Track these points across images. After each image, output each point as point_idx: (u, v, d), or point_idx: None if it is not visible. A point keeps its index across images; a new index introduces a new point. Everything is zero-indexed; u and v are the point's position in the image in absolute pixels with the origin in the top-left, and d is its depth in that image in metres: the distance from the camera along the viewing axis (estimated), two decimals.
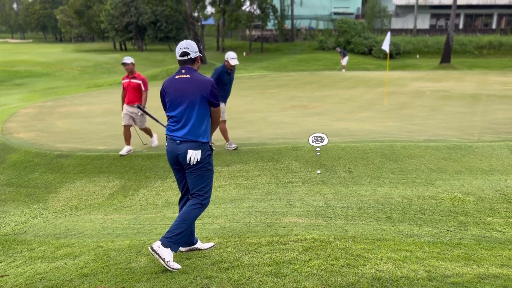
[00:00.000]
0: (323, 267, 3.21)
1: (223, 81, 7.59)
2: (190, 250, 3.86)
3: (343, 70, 28.31)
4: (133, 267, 3.59)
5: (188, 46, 3.60)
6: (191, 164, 3.53)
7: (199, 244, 3.89)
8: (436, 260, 3.30)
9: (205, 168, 3.60)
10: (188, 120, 3.55)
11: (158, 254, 3.37)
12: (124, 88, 8.23)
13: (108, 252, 4.10)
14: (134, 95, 8.12)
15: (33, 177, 7.68)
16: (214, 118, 3.70)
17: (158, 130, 9.09)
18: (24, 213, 6.33)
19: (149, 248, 3.46)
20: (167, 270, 3.42)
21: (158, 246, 3.38)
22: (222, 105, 7.73)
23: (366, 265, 3.21)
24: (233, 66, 7.55)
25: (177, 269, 3.41)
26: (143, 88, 8.15)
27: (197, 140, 3.54)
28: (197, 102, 3.54)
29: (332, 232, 4.10)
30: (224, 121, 7.93)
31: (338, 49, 30.09)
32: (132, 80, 8.10)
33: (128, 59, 8.03)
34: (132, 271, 3.51)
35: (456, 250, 3.53)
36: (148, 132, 8.62)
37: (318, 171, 6.60)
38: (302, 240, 3.82)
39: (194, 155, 3.53)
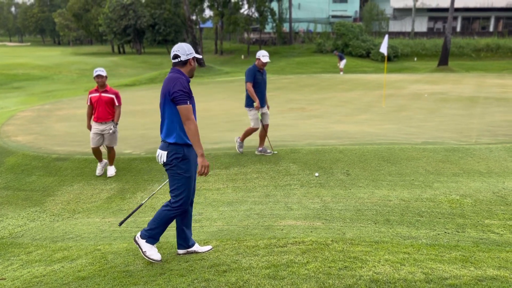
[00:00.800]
0: (320, 269, 3.21)
1: (257, 81, 7.34)
2: (188, 253, 3.86)
3: (341, 73, 28.38)
4: (130, 270, 3.58)
5: (179, 49, 3.59)
6: (160, 163, 3.66)
7: (197, 247, 3.89)
8: (434, 262, 3.30)
9: (173, 171, 3.59)
10: (163, 120, 3.66)
11: (138, 244, 3.68)
12: (91, 103, 7.47)
13: (105, 255, 4.09)
14: (105, 111, 7.37)
15: (31, 180, 7.67)
16: (181, 118, 3.49)
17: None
18: (21, 216, 6.31)
19: (133, 239, 3.75)
20: (148, 262, 3.69)
21: (137, 237, 3.71)
22: (253, 111, 7.43)
23: (363, 268, 3.21)
24: (265, 64, 7.33)
25: (156, 260, 3.64)
26: (116, 103, 7.44)
27: (165, 140, 3.61)
28: (164, 101, 3.57)
29: (330, 234, 4.10)
30: (265, 126, 7.61)
31: (336, 52, 30.13)
32: (104, 94, 7.38)
33: (103, 71, 7.37)
34: (130, 274, 3.50)
35: (454, 252, 3.53)
36: (112, 157, 7.63)
37: (316, 174, 6.60)
38: (300, 243, 3.81)
39: (160, 155, 3.62)
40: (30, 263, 4.32)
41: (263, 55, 7.27)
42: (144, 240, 3.66)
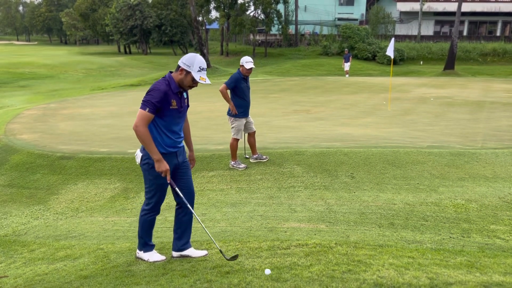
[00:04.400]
0: (324, 272, 3.18)
1: (241, 89, 6.99)
2: (182, 256, 3.79)
3: (347, 75, 28.29)
4: (133, 270, 3.57)
5: (186, 55, 3.52)
6: (137, 163, 3.71)
7: (190, 251, 3.82)
8: (439, 267, 3.27)
9: (145, 175, 3.66)
10: None
11: (140, 258, 3.80)
12: None
13: (108, 254, 4.08)
14: None
15: (35, 178, 7.69)
16: None
17: None
18: (25, 214, 6.32)
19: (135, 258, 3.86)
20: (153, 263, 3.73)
21: (137, 252, 3.85)
22: (241, 120, 7.11)
23: (367, 271, 3.18)
24: (249, 71, 6.93)
25: (160, 260, 3.74)
26: None
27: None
28: None
29: (334, 237, 4.07)
30: (252, 133, 7.39)
31: (346, 50, 29.95)
32: None
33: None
34: (132, 274, 3.49)
35: (459, 258, 3.49)
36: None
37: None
38: (303, 245, 3.79)
39: (137, 155, 3.69)
40: (32, 261, 4.33)
41: (246, 62, 6.85)
42: (142, 251, 3.79)
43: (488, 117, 12.57)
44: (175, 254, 3.82)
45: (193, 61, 3.44)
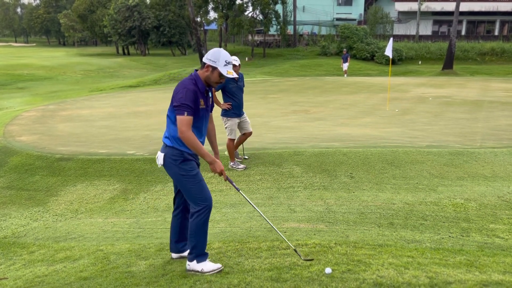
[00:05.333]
0: (324, 272, 3.18)
1: (230, 91, 7.05)
2: (182, 257, 3.75)
3: (345, 75, 28.30)
4: (132, 271, 3.57)
5: (211, 51, 3.40)
6: (159, 165, 3.53)
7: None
8: (438, 266, 3.27)
9: (175, 172, 3.44)
10: (167, 120, 3.54)
11: (193, 271, 3.45)
12: None
13: (108, 255, 4.08)
14: None
15: (34, 180, 7.68)
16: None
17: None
18: (24, 216, 6.31)
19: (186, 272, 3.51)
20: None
21: (188, 264, 3.49)
22: (234, 120, 7.13)
23: (367, 271, 3.18)
24: (235, 70, 6.88)
25: (217, 269, 3.40)
26: None
27: (164, 142, 3.50)
28: (170, 104, 3.45)
29: (333, 237, 4.08)
30: (247, 134, 7.34)
31: (345, 50, 29.95)
32: None
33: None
34: (132, 275, 3.49)
35: (458, 257, 3.50)
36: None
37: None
38: (303, 245, 3.79)
39: (158, 157, 3.51)
40: (32, 262, 4.32)
41: (234, 60, 6.81)
42: (195, 261, 3.45)
43: (486, 116, 12.58)
44: (174, 255, 3.79)
45: (218, 55, 3.35)
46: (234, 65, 6.86)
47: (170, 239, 3.78)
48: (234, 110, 7.15)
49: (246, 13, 44.45)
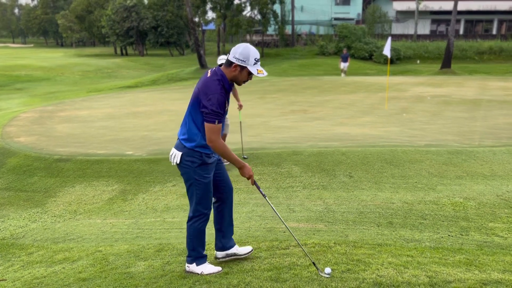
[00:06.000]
0: (323, 272, 3.18)
1: None
2: (227, 256, 3.60)
3: (342, 74, 28.24)
4: (131, 272, 3.56)
5: (236, 47, 3.17)
6: (173, 164, 3.35)
7: (236, 249, 3.62)
8: (438, 265, 3.27)
9: (189, 175, 3.28)
10: (185, 118, 3.35)
11: (191, 272, 3.41)
12: None
13: (106, 256, 4.07)
14: None
15: (32, 181, 7.66)
16: (206, 134, 3.17)
17: None
18: (23, 217, 6.30)
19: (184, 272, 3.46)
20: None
21: (187, 266, 3.45)
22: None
23: (367, 270, 3.17)
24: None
25: (216, 271, 3.37)
26: None
27: (181, 141, 3.28)
28: (192, 102, 3.24)
29: (333, 237, 4.07)
30: (222, 136, 7.37)
31: (345, 50, 29.84)
32: None
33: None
34: (131, 275, 3.48)
35: (458, 256, 3.50)
36: None
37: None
38: (302, 245, 3.78)
39: (174, 155, 3.30)
40: (31, 264, 4.31)
41: (219, 59, 6.73)
42: (194, 264, 3.40)
43: (485, 115, 12.60)
44: (220, 254, 3.61)
45: (247, 54, 3.11)
46: (219, 65, 6.76)
47: (215, 237, 3.63)
48: None
49: (244, 13, 44.45)
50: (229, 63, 3.16)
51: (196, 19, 44.06)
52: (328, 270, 3.15)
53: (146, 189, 6.93)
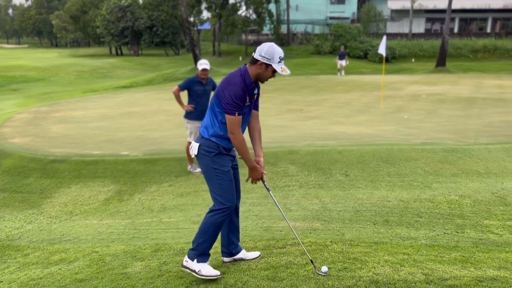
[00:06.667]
0: (320, 270, 3.18)
1: (195, 92, 7.05)
2: (234, 260, 3.57)
3: (339, 73, 28.26)
4: (128, 272, 3.55)
5: (262, 46, 3.22)
6: (192, 156, 3.38)
7: (243, 254, 3.59)
8: (434, 263, 3.28)
9: (207, 165, 3.27)
10: (207, 111, 3.37)
11: (187, 268, 3.29)
12: None
13: (103, 257, 4.06)
14: None
15: (28, 182, 7.62)
16: (227, 127, 3.21)
17: None
18: (18, 219, 6.27)
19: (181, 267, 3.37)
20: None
21: (185, 260, 3.32)
22: (194, 122, 7.08)
23: (363, 269, 3.19)
24: (204, 73, 6.89)
25: (215, 276, 3.21)
26: None
27: (200, 132, 3.34)
28: (214, 95, 3.30)
29: (329, 235, 4.08)
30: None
31: (342, 47, 29.66)
32: None
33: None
34: (127, 276, 3.47)
35: (454, 253, 3.51)
36: None
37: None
38: (299, 244, 3.79)
39: (193, 147, 3.33)
40: (27, 265, 4.29)
41: (200, 64, 6.88)
42: (195, 261, 3.27)
43: (480, 113, 12.66)
44: (226, 259, 3.57)
45: (273, 52, 3.16)
46: (205, 69, 6.89)
47: (222, 242, 3.57)
48: (197, 113, 7.11)
49: (239, 13, 44.41)
50: (254, 61, 3.21)
51: (191, 19, 43.97)
52: (324, 268, 3.16)
53: (142, 189, 6.91)
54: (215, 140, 3.26)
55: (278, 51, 3.19)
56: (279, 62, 3.20)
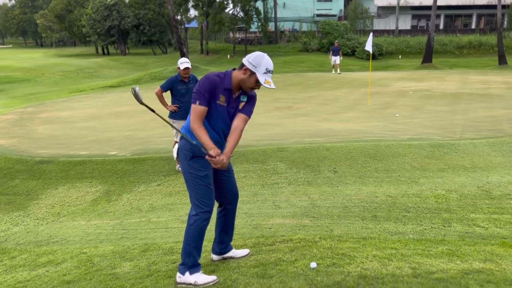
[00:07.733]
0: (309, 267, 3.20)
1: (178, 92, 7.03)
2: (224, 258, 3.57)
3: (333, 71, 28.00)
4: (117, 273, 3.53)
5: (252, 54, 3.16)
6: (174, 159, 3.37)
7: (233, 252, 3.59)
8: (421, 257, 3.32)
9: (184, 168, 3.24)
10: None
11: (183, 283, 3.19)
12: None
13: (91, 258, 4.03)
14: None
15: (14, 184, 7.52)
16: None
17: None
18: (4, 221, 6.18)
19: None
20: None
21: (179, 276, 3.21)
22: (179, 122, 7.00)
23: (351, 264, 3.21)
24: (186, 71, 6.86)
25: (212, 281, 3.13)
26: None
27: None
28: None
29: (318, 232, 4.10)
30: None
31: (336, 42, 29.38)
32: None
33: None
34: (116, 276, 3.45)
35: (440, 247, 3.56)
36: None
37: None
38: (288, 241, 3.80)
39: (174, 149, 3.32)
40: (13, 268, 4.24)
41: (181, 63, 6.83)
42: (188, 273, 3.18)
43: (465, 108, 12.82)
44: (215, 257, 3.57)
45: (260, 61, 3.09)
46: (186, 67, 6.86)
47: (214, 239, 3.57)
48: (181, 112, 7.09)
49: (226, 11, 44.27)
50: (241, 65, 3.17)
51: (178, 17, 43.72)
52: (313, 264, 3.18)
53: (131, 189, 6.87)
54: (189, 137, 3.19)
55: (266, 62, 3.11)
56: (265, 73, 3.11)
